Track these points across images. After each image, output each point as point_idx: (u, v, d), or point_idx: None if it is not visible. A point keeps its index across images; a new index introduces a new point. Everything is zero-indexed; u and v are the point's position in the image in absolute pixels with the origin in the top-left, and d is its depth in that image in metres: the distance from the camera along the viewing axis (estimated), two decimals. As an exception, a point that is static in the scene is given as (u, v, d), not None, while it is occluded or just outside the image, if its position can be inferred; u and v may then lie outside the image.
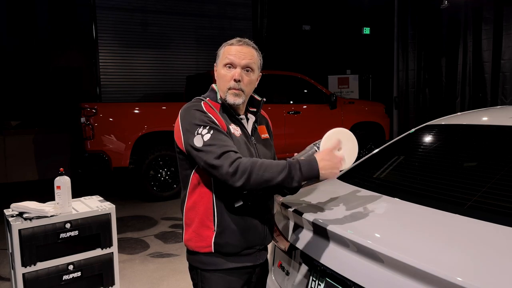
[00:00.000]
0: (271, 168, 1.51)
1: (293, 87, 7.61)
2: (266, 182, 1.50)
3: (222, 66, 1.69)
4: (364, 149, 8.20)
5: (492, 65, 7.90)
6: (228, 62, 1.67)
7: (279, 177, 1.49)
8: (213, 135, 1.56)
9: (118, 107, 6.61)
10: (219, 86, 1.72)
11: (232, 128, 1.68)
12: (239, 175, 1.49)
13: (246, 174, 1.49)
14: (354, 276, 1.44)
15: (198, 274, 1.71)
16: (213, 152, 1.52)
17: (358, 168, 2.29)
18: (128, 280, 3.68)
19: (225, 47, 1.72)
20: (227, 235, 1.65)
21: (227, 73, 1.67)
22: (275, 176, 1.49)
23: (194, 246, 1.68)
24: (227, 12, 10.54)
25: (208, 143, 1.54)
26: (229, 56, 1.67)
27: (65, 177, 2.37)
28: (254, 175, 1.49)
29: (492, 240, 1.36)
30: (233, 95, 1.67)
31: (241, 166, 1.49)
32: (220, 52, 1.73)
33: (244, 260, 1.70)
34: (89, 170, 6.28)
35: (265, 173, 1.50)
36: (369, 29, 10.83)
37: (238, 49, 1.68)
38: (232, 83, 1.66)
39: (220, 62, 1.71)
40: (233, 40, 1.72)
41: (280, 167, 1.51)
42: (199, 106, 1.66)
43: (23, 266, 2.23)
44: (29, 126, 8.46)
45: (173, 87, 9.68)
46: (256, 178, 1.49)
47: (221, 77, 1.70)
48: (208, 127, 1.57)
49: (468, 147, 2.18)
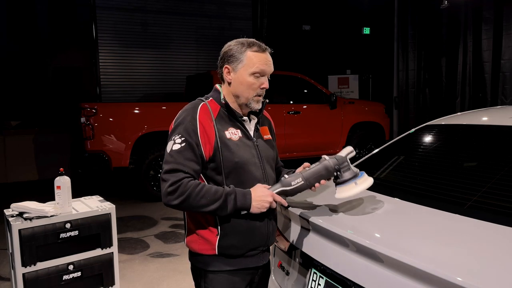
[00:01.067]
0: (208, 196, 1.56)
1: (293, 87, 7.60)
2: (199, 207, 1.57)
3: (250, 74, 1.65)
4: (364, 149, 8.21)
5: (492, 65, 7.90)
6: (258, 72, 1.66)
7: (213, 205, 1.56)
8: (182, 148, 1.59)
9: (118, 107, 6.61)
10: (241, 92, 1.68)
11: (229, 133, 1.67)
12: (176, 196, 1.54)
13: (183, 196, 1.54)
14: (354, 276, 1.44)
15: (201, 275, 1.71)
16: (168, 164, 1.58)
17: (358, 168, 2.29)
18: (128, 280, 3.67)
19: (251, 52, 1.66)
20: (231, 237, 1.65)
21: (255, 81, 1.66)
22: (210, 204, 1.56)
23: (198, 248, 1.68)
24: (227, 12, 10.54)
25: (172, 154, 1.59)
26: (260, 66, 1.65)
27: (65, 177, 2.37)
28: (191, 199, 1.55)
29: (492, 240, 1.36)
30: (258, 101, 1.70)
31: (181, 188, 1.54)
32: (244, 56, 1.66)
33: (248, 262, 1.71)
34: (89, 170, 6.28)
35: (201, 200, 1.55)
36: (369, 29, 10.82)
37: (266, 58, 1.68)
38: (260, 91, 1.68)
39: (245, 69, 1.66)
40: (256, 46, 1.68)
41: (217, 195, 1.57)
42: (194, 112, 1.65)
43: (23, 266, 2.22)
44: (29, 126, 8.46)
45: (173, 87, 9.68)
46: (192, 203, 1.55)
47: (247, 85, 1.66)
48: (183, 138, 1.60)
49: (468, 147, 2.18)
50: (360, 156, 8.05)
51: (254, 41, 1.70)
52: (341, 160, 1.66)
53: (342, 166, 1.66)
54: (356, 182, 1.64)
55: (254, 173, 1.68)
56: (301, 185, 1.62)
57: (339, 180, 1.66)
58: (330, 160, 1.66)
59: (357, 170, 1.67)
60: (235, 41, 1.72)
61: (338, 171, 1.65)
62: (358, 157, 1.69)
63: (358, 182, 1.64)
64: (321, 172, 1.64)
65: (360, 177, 1.66)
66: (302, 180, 1.62)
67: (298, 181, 1.62)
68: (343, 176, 1.65)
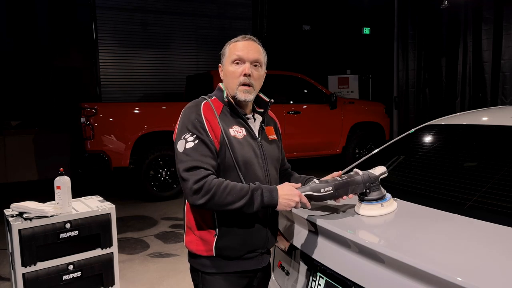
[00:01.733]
0: (234, 193, 1.51)
1: (293, 87, 7.61)
2: (226, 205, 1.52)
3: (230, 63, 1.67)
4: (364, 149, 8.21)
5: (492, 65, 7.90)
6: (236, 58, 1.65)
7: (240, 202, 1.52)
8: (196, 145, 1.55)
9: (118, 107, 6.61)
10: (227, 84, 1.70)
11: (233, 131, 1.65)
12: (202, 194, 1.50)
13: (209, 194, 1.50)
14: (354, 276, 1.44)
15: (199, 276, 1.70)
16: (185, 163, 1.53)
17: (357, 168, 2.29)
18: (128, 280, 3.67)
19: (231, 44, 1.70)
20: (229, 239, 1.63)
21: (236, 69, 1.66)
22: (237, 200, 1.51)
23: (195, 249, 1.67)
24: (227, 12, 10.54)
25: (187, 152, 1.55)
26: (236, 52, 1.65)
27: (65, 177, 2.37)
28: (217, 197, 1.50)
29: (492, 240, 1.36)
30: (243, 91, 1.66)
31: (206, 186, 1.50)
32: (226, 50, 1.71)
33: (246, 264, 1.69)
34: (89, 170, 6.28)
35: (228, 197, 1.51)
36: (369, 29, 10.83)
37: (245, 45, 1.67)
38: (242, 78, 1.64)
39: (226, 60, 1.69)
40: (238, 38, 1.71)
41: (243, 192, 1.52)
42: (198, 109, 1.64)
43: (23, 266, 2.23)
44: (29, 126, 8.45)
45: (173, 87, 9.68)
46: (218, 200, 1.51)
47: (229, 74, 1.67)
48: (195, 135, 1.57)
49: (468, 147, 2.18)
50: (360, 156, 8.08)
51: (242, 35, 1.73)
52: (374, 178, 1.66)
53: (373, 185, 1.65)
54: (383, 204, 1.64)
55: (256, 173, 1.66)
56: (330, 194, 1.61)
57: (366, 197, 1.65)
58: (363, 176, 1.65)
59: (385, 192, 1.67)
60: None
61: (368, 189, 1.64)
62: (358, 157, 1.69)
63: (384, 204, 1.64)
64: (352, 186, 1.64)
65: (387, 200, 1.65)
66: (332, 189, 1.61)
67: (328, 189, 1.60)
68: (371, 194, 1.65)
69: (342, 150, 8.00)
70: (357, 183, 1.64)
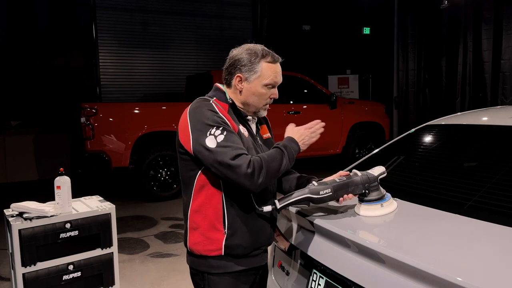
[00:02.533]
0: (275, 157, 1.58)
1: (293, 87, 7.61)
2: (278, 170, 1.58)
3: (263, 85, 1.69)
4: (364, 149, 8.21)
5: (492, 65, 7.90)
6: (272, 84, 1.70)
7: (284, 161, 1.59)
8: (227, 136, 1.55)
9: (118, 107, 6.62)
10: (252, 102, 1.71)
11: (241, 129, 1.68)
12: (257, 174, 1.52)
13: (263, 170, 1.53)
14: (354, 276, 1.44)
15: (204, 278, 1.67)
16: (228, 154, 1.51)
17: (358, 168, 2.28)
18: (128, 280, 3.67)
19: (265, 63, 1.68)
20: (238, 237, 1.63)
21: (268, 92, 1.71)
22: (281, 162, 1.58)
23: (203, 249, 1.65)
24: (227, 12, 10.53)
25: (222, 144, 1.53)
26: (274, 78, 1.71)
27: (65, 177, 2.36)
28: (270, 169, 1.55)
29: (492, 240, 1.36)
30: (265, 109, 1.77)
31: (256, 165, 1.52)
32: (258, 68, 1.67)
33: (252, 262, 1.70)
34: (89, 170, 6.28)
35: (274, 163, 1.56)
36: (369, 29, 10.83)
37: (279, 70, 1.73)
38: (269, 100, 1.75)
39: (259, 80, 1.68)
40: (270, 56, 1.70)
41: (279, 154, 1.60)
42: (210, 106, 1.63)
43: (23, 266, 2.22)
44: (29, 126, 8.45)
45: (173, 87, 9.68)
46: (271, 171, 1.56)
47: (259, 95, 1.70)
48: (221, 128, 1.56)
49: (468, 147, 2.18)
50: (360, 156, 8.07)
51: (267, 50, 1.71)
52: (373, 179, 1.66)
53: (372, 185, 1.65)
54: (383, 205, 1.64)
55: None
56: (329, 196, 1.62)
57: (366, 198, 1.65)
58: (362, 177, 1.66)
59: (384, 192, 1.67)
60: (246, 48, 1.71)
61: (367, 189, 1.65)
62: (358, 157, 1.69)
63: (384, 204, 1.64)
64: (351, 187, 1.64)
65: (387, 200, 1.65)
66: (331, 191, 1.62)
67: (327, 191, 1.61)
68: (370, 195, 1.65)
69: (342, 150, 8.00)
70: (356, 184, 1.65)
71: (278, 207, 1.61)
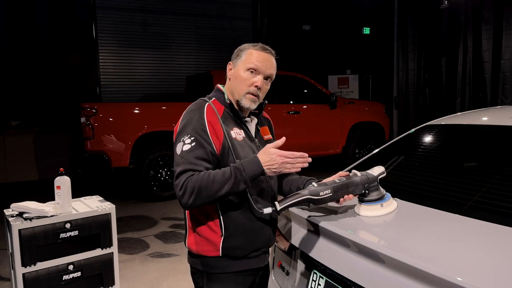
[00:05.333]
0: (218, 178, 1.51)
1: (293, 87, 7.60)
2: (216, 193, 1.51)
3: (244, 70, 1.66)
4: (364, 149, 8.21)
5: (492, 65, 7.90)
6: (252, 67, 1.66)
7: (228, 185, 1.51)
8: (192, 148, 1.55)
9: (118, 107, 6.61)
10: (234, 87, 1.70)
11: (234, 133, 1.66)
12: (188, 194, 1.50)
13: (195, 192, 1.49)
14: (354, 276, 1.44)
15: (203, 277, 1.69)
16: (178, 165, 1.55)
17: (357, 168, 2.29)
18: (128, 280, 3.67)
19: (250, 49, 1.69)
20: (235, 238, 1.63)
21: (249, 77, 1.66)
22: (223, 185, 1.51)
23: (201, 250, 1.66)
24: (227, 12, 10.53)
25: (182, 155, 1.56)
26: (255, 62, 1.66)
27: (65, 177, 2.37)
28: (203, 191, 1.50)
29: (492, 240, 1.36)
30: (249, 100, 1.67)
31: (189, 185, 1.50)
32: (243, 53, 1.69)
33: (251, 263, 1.70)
34: (89, 170, 6.28)
35: (214, 185, 1.50)
36: (369, 29, 10.83)
37: (265, 57, 1.67)
38: (252, 88, 1.66)
39: (242, 64, 1.67)
40: (259, 45, 1.70)
41: (226, 174, 1.52)
42: (201, 112, 1.64)
43: (23, 266, 2.23)
44: (29, 126, 8.45)
45: (173, 87, 9.68)
46: (206, 194, 1.50)
47: (241, 80, 1.67)
48: (193, 138, 1.57)
49: (468, 147, 2.18)
50: (360, 156, 8.07)
51: (261, 44, 1.72)
52: (372, 179, 1.66)
53: (372, 185, 1.65)
54: (382, 205, 1.64)
55: None
56: (329, 196, 1.62)
57: (366, 198, 1.65)
58: (362, 177, 1.66)
59: (384, 192, 1.67)
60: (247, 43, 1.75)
61: (367, 190, 1.65)
62: (358, 157, 1.69)
63: (384, 204, 1.64)
64: (350, 187, 1.64)
65: (386, 200, 1.66)
66: (331, 192, 1.62)
67: (327, 192, 1.61)
68: (370, 195, 1.65)
69: (342, 150, 8.00)
70: (356, 184, 1.65)
71: (278, 209, 1.61)
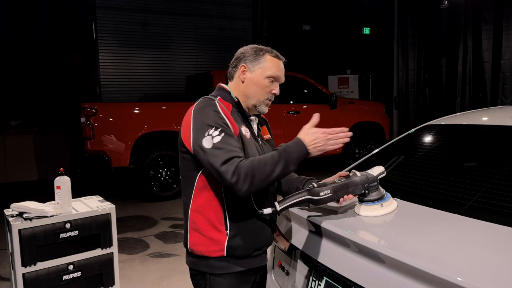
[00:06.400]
0: (268, 161, 1.51)
1: (293, 87, 7.60)
2: (269, 176, 1.50)
3: (265, 77, 1.69)
4: (364, 149, 8.21)
5: (492, 65, 7.90)
6: (274, 76, 1.71)
7: (278, 167, 1.51)
8: (223, 138, 1.53)
9: (118, 107, 6.61)
10: (252, 92, 1.71)
11: (243, 130, 1.67)
12: (242, 182, 1.47)
13: (248, 178, 1.47)
14: (354, 276, 1.44)
15: (206, 278, 1.67)
16: (219, 157, 1.49)
17: (357, 168, 2.29)
18: (128, 280, 3.68)
19: (270, 56, 1.71)
20: (240, 238, 1.63)
21: (269, 85, 1.71)
22: (274, 167, 1.50)
23: (204, 250, 1.64)
24: (227, 12, 10.53)
25: (217, 146, 1.51)
26: (276, 71, 1.71)
27: (65, 177, 2.37)
28: (257, 175, 1.48)
29: (492, 240, 1.36)
30: (266, 105, 1.75)
31: (242, 172, 1.47)
32: (262, 59, 1.70)
33: (253, 262, 1.70)
34: (89, 170, 6.28)
35: (266, 168, 1.49)
36: (369, 29, 10.83)
37: (281, 66, 1.74)
38: (271, 96, 1.73)
39: (261, 71, 1.69)
40: (274, 53, 1.73)
41: (275, 158, 1.52)
42: (214, 106, 1.62)
43: (23, 266, 2.23)
44: (29, 126, 8.45)
45: (173, 87, 9.68)
46: (260, 177, 1.49)
47: (262, 87, 1.70)
48: (220, 129, 1.54)
49: (468, 147, 2.17)
50: (360, 156, 8.07)
51: (271, 49, 1.75)
52: (372, 179, 1.66)
53: (372, 185, 1.65)
54: (382, 205, 1.64)
55: None
56: (329, 197, 1.61)
57: (366, 198, 1.65)
58: (362, 177, 1.65)
59: (384, 192, 1.67)
60: (252, 46, 1.76)
61: (367, 190, 1.65)
62: (358, 157, 1.69)
63: (384, 204, 1.64)
64: (350, 187, 1.64)
65: (386, 200, 1.65)
66: (330, 192, 1.61)
67: (327, 192, 1.61)
68: (370, 195, 1.65)
69: (342, 150, 8.00)
70: (356, 184, 1.65)
71: (278, 210, 1.61)
